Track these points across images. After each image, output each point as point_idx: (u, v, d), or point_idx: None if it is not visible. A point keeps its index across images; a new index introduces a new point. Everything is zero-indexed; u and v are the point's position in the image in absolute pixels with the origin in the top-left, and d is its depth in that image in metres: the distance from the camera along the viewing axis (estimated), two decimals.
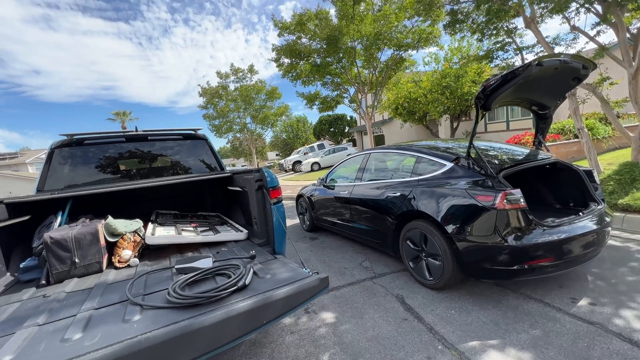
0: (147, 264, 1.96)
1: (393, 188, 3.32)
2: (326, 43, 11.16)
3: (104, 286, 1.65)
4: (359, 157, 4.32)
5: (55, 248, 1.74)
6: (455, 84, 12.58)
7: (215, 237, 2.18)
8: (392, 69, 13.32)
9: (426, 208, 2.79)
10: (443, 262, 2.68)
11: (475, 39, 7.16)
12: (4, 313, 1.45)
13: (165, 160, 3.38)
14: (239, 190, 2.66)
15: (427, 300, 2.71)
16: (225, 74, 22.19)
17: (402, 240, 3.17)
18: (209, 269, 1.61)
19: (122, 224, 2.01)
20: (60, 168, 2.84)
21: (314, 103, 14.87)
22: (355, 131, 29.92)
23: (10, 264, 2.04)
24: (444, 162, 2.94)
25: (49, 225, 2.07)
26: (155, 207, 3.18)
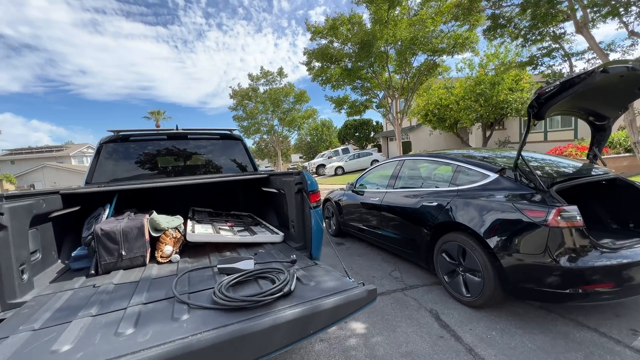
0: (188, 261, 2.00)
1: (429, 197, 3.19)
2: (359, 47, 11.12)
3: (149, 281, 1.69)
4: (391, 163, 4.21)
5: (104, 240, 1.82)
6: (491, 91, 12.08)
7: (252, 238, 2.18)
8: (424, 75, 13.02)
9: (466, 220, 2.65)
10: (483, 279, 2.52)
11: (516, 44, 6.83)
12: (59, 300, 1.52)
13: (201, 159, 3.48)
14: (274, 192, 2.67)
15: (464, 318, 2.56)
16: (256, 77, 22.81)
17: (436, 253, 3.03)
18: (251, 271, 1.60)
19: (164, 219, 2.07)
20: (106, 162, 2.99)
21: (343, 107, 14.85)
22: (380, 137, 29.56)
23: (61, 252, 2.16)
24: (487, 173, 2.79)
25: (97, 216, 2.17)
26: (191, 204, 3.27)
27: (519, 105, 12.53)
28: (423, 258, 3.28)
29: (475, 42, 11.56)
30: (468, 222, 2.62)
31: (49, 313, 1.35)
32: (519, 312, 2.59)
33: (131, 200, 2.93)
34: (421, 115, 14.72)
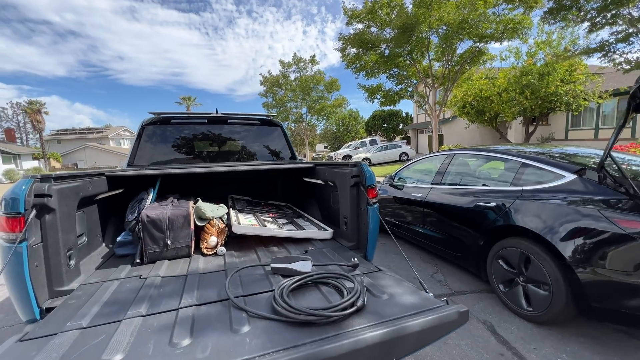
0: (234, 255, 1.88)
1: (485, 197, 2.88)
2: (400, 32, 10.49)
3: (197, 276, 1.58)
4: (438, 157, 3.90)
5: (150, 227, 1.74)
6: (539, 82, 11.06)
7: (300, 234, 2.03)
8: (467, 63, 12.13)
9: (534, 225, 2.34)
10: (552, 293, 2.22)
11: (577, 30, 6.09)
12: (106, 292, 1.43)
13: (240, 145, 3.37)
14: (318, 183, 2.49)
15: (526, 334, 2.29)
16: (287, 63, 22.55)
17: (491, 258, 2.74)
18: (310, 274, 1.41)
19: (209, 208, 1.96)
20: (146, 145, 2.95)
21: (376, 96, 14.28)
22: (410, 129, 28.55)
23: (105, 236, 2.13)
24: (561, 173, 2.44)
25: (141, 201, 2.11)
26: (229, 191, 3.18)
27: (570, 99, 11.42)
28: (473, 263, 3.01)
29: (528, 28, 10.52)
30: (536, 228, 2.31)
31: (97, 307, 1.27)
32: (592, 333, 2.27)
33: (172, 185, 2.88)
34: (458, 108, 13.86)
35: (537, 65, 11.99)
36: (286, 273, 1.43)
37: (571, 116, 16.85)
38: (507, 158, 2.94)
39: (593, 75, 11.64)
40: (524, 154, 2.81)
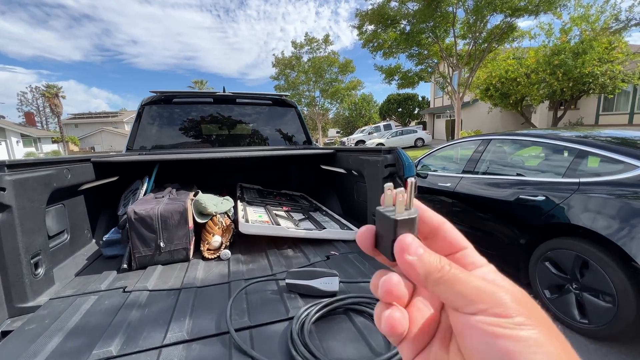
0: (241, 260, 1.56)
1: (529, 189, 2.49)
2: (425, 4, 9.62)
3: (194, 291, 1.27)
4: (470, 143, 3.48)
5: (139, 226, 1.44)
6: (574, 61, 10.14)
7: (320, 234, 1.71)
8: (496, 40, 11.15)
9: (597, 225, 1.96)
10: (617, 305, 1.86)
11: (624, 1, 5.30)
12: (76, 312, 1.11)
13: (250, 127, 3.04)
14: (339, 172, 2.16)
15: (581, 351, 1.95)
16: (300, 44, 21.67)
17: (536, 260, 2.38)
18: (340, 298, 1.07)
19: (211, 201, 1.65)
20: (147, 127, 2.67)
21: (394, 78, 13.50)
22: (426, 113, 27.50)
23: (97, 231, 1.87)
24: (634, 163, 2.01)
25: (135, 191, 1.83)
26: (237, 179, 2.89)
27: (607, 80, 10.48)
28: (511, 262, 2.65)
29: None
30: (601, 228, 1.93)
31: (56, 340, 0.97)
32: None
33: (173, 172, 2.60)
34: (481, 90, 13.02)
35: (570, 43, 11.00)
36: (305, 292, 1.13)
37: (603, 99, 15.68)
38: (560, 144, 2.52)
39: (634, 55, 10.60)
40: (581, 140, 2.37)
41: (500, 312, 0.19)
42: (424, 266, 0.21)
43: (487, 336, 0.18)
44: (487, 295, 0.19)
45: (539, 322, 0.19)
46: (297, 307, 1.06)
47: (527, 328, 0.18)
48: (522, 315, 0.18)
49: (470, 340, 0.19)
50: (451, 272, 0.20)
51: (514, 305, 0.19)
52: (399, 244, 0.22)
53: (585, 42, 10.32)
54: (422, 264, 0.21)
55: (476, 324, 0.19)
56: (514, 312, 0.19)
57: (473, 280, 0.20)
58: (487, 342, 0.18)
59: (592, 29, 10.52)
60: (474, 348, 0.19)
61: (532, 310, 0.19)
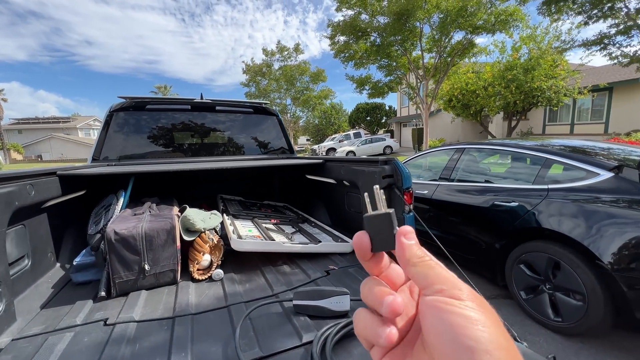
0: (235, 280, 1.42)
1: (504, 195, 2.63)
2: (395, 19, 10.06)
3: (190, 320, 1.13)
4: (445, 152, 3.63)
5: (119, 247, 1.27)
6: (524, 77, 11.15)
7: (317, 248, 1.64)
8: (458, 55, 11.96)
9: (567, 229, 2.11)
10: (588, 303, 2.01)
11: (575, 23, 6.01)
12: (50, 354, 0.92)
13: (229, 136, 2.92)
14: (328, 182, 2.12)
15: (556, 348, 2.07)
16: (271, 52, 21.55)
17: (511, 263, 2.51)
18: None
19: (199, 216, 1.53)
20: (116, 135, 2.46)
21: (364, 87, 13.88)
22: (394, 122, 28.56)
23: (61, 253, 1.64)
24: (595, 170, 2.21)
25: (108, 207, 1.65)
26: (216, 190, 2.75)
27: (552, 94, 11.62)
28: (488, 266, 2.77)
29: (519, 20, 10.45)
30: (571, 232, 2.08)
31: None
32: (625, 345, 2.09)
33: (148, 185, 2.40)
34: (444, 101, 13.82)
35: (521, 60, 12.08)
36: (315, 313, 1.06)
37: (549, 111, 17.37)
38: (528, 153, 2.70)
39: (573, 72, 11.89)
40: (549, 149, 2.57)
41: (455, 294, 0.23)
42: (412, 252, 0.26)
43: (442, 312, 0.22)
44: (448, 281, 0.24)
45: (487, 311, 0.22)
46: (310, 330, 1.00)
47: (476, 311, 0.22)
48: (472, 301, 0.22)
49: (430, 317, 0.23)
50: (428, 261, 0.25)
51: (467, 292, 0.23)
52: (404, 229, 0.27)
53: (533, 59, 11.40)
54: (411, 250, 0.26)
55: (435, 303, 0.23)
56: (466, 297, 0.23)
57: (441, 270, 0.25)
58: (441, 317, 0.22)
59: (539, 48, 11.66)
60: (431, 324, 0.22)
61: (482, 302, 0.23)
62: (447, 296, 0.23)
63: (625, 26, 4.99)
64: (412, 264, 0.25)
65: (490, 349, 0.20)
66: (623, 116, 13.76)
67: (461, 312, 0.21)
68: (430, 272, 0.24)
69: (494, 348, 0.20)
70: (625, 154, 2.54)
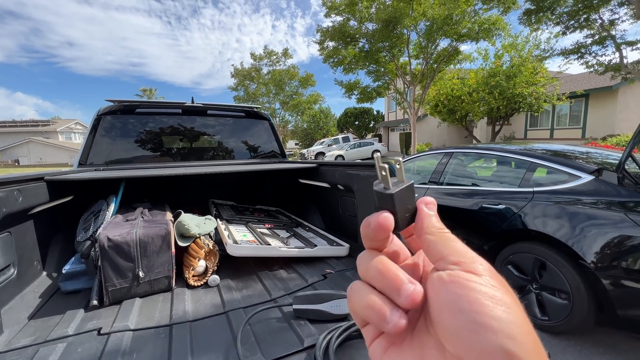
0: (232, 286, 1.40)
1: (491, 198, 2.71)
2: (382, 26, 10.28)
3: (188, 327, 1.10)
4: (434, 156, 3.71)
5: (113, 254, 1.23)
6: (507, 83, 11.54)
7: (313, 252, 1.64)
8: (444, 62, 12.30)
9: (552, 230, 2.18)
10: (572, 302, 2.08)
11: (553, 33, 6.28)
12: None
13: (221, 140, 2.90)
14: (322, 186, 2.13)
15: (544, 346, 2.12)
16: (259, 56, 21.55)
17: (499, 264, 2.58)
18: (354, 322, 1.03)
19: (193, 221, 1.50)
20: (103, 140, 2.40)
21: (353, 92, 14.05)
22: (381, 126, 28.95)
23: (47, 261, 1.57)
24: (576, 173, 2.31)
25: (98, 213, 1.60)
26: (208, 194, 2.72)
27: (533, 100, 12.07)
28: None
29: (502, 29, 10.84)
30: (555, 233, 2.16)
31: None
32: (608, 341, 2.17)
33: (139, 190, 2.35)
34: (431, 106, 14.13)
35: (503, 67, 12.51)
36: (315, 317, 1.07)
37: (530, 117, 18.01)
38: (516, 158, 2.79)
39: (552, 79, 12.40)
40: (533, 153, 2.67)
41: (475, 269, 0.21)
42: (431, 221, 0.24)
43: (460, 287, 0.20)
44: (467, 255, 0.22)
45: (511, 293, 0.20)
46: (311, 334, 1.00)
47: (499, 290, 0.20)
48: (494, 279, 0.20)
49: (444, 293, 0.20)
50: (446, 233, 0.24)
51: (489, 269, 0.21)
52: (425, 199, 0.26)
53: (515, 66, 11.82)
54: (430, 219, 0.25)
55: (453, 277, 0.20)
56: (487, 274, 0.20)
57: (459, 244, 0.23)
58: (458, 292, 0.19)
59: (520, 56, 12.10)
60: (446, 300, 0.20)
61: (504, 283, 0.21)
62: (466, 270, 0.20)
63: (600, 36, 5.27)
64: (430, 233, 0.24)
65: (516, 333, 0.17)
66: (599, 122, 14.42)
67: (483, 289, 0.19)
68: (449, 244, 0.23)
69: (520, 333, 0.18)
70: (603, 157, 2.66)
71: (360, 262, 0.26)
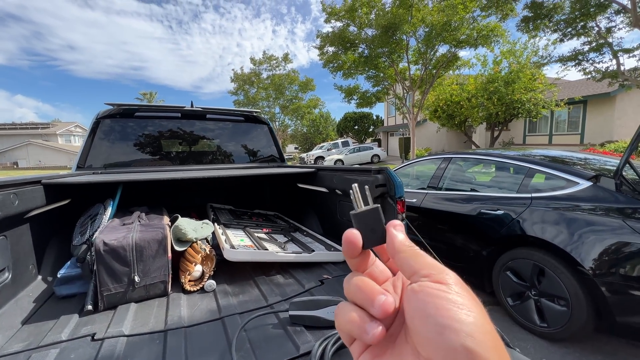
0: (228, 291, 1.39)
1: (490, 204, 2.71)
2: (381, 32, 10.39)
3: (183, 333, 1.09)
4: (432, 161, 3.71)
5: (108, 259, 1.22)
6: (505, 89, 11.62)
7: (310, 257, 1.63)
8: (443, 67, 12.41)
9: (550, 236, 2.18)
10: (571, 308, 2.07)
11: (551, 40, 6.34)
12: None
13: (221, 144, 2.90)
14: (320, 190, 2.13)
15: (544, 354, 2.12)
16: (259, 61, 21.71)
17: (498, 270, 2.57)
18: None
19: (190, 226, 1.50)
20: (102, 143, 2.41)
21: (352, 97, 14.13)
22: (381, 131, 29.04)
23: (43, 265, 1.56)
24: (574, 179, 2.31)
25: (95, 216, 1.60)
26: (205, 198, 2.71)
27: (531, 106, 12.14)
28: (476, 273, 2.82)
29: (500, 36, 10.94)
30: (553, 239, 2.15)
31: None
32: (606, 349, 2.15)
33: (136, 193, 2.35)
34: (430, 112, 14.20)
35: (502, 73, 12.61)
36: (311, 323, 1.06)
37: (528, 123, 18.10)
38: (514, 163, 2.80)
39: (550, 85, 12.48)
40: (531, 159, 2.67)
41: (442, 279, 0.23)
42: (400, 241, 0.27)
43: (428, 296, 0.22)
44: (435, 267, 0.24)
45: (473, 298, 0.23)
46: (307, 341, 0.99)
47: (462, 296, 0.22)
48: (458, 286, 0.23)
49: (415, 302, 0.23)
50: (415, 250, 0.27)
51: (454, 278, 0.24)
52: (393, 222, 0.29)
53: (513, 72, 11.91)
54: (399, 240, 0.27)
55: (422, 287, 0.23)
56: (452, 283, 0.23)
57: (428, 258, 0.26)
58: (426, 300, 0.22)
59: (518, 62, 12.20)
60: (416, 308, 0.22)
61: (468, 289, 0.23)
62: (434, 281, 0.23)
63: (597, 44, 5.32)
64: (401, 251, 0.26)
65: (474, 332, 0.20)
66: (597, 128, 14.48)
67: (447, 296, 0.22)
68: (418, 259, 0.25)
69: (479, 332, 0.20)
70: (601, 163, 2.67)
71: (345, 281, 0.29)
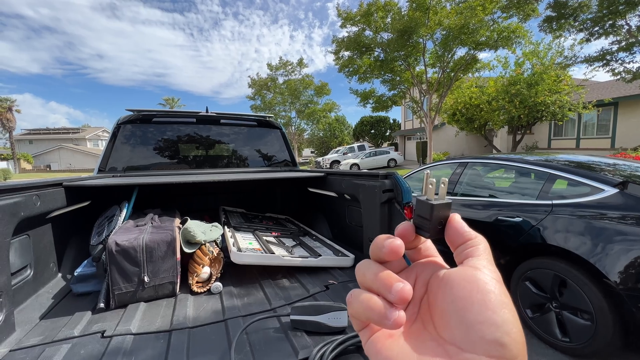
0: (234, 294, 1.43)
1: (507, 210, 2.61)
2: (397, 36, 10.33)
3: (187, 333, 1.11)
4: (448, 166, 3.62)
5: (120, 259, 1.28)
6: (528, 91, 11.19)
7: (317, 262, 1.64)
8: (461, 70, 12.15)
9: (573, 246, 2.07)
10: (596, 323, 1.95)
11: (567, 42, 6.03)
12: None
13: (234, 149, 2.97)
14: (330, 195, 2.13)
15: None
16: (275, 66, 22.11)
17: (517, 279, 2.46)
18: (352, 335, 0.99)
19: (199, 228, 1.54)
20: (123, 147, 2.52)
21: (368, 101, 14.08)
22: (398, 135, 28.68)
23: (63, 263, 1.65)
24: (599, 186, 2.19)
25: (111, 218, 1.67)
26: (219, 202, 2.77)
27: (557, 109, 11.62)
28: None
29: (521, 37, 10.58)
30: (577, 249, 2.04)
31: None
32: None
33: (151, 196, 2.44)
34: (448, 115, 13.89)
35: (524, 75, 12.17)
36: (312, 329, 1.05)
37: (554, 126, 17.33)
38: (531, 168, 2.69)
39: (577, 87, 11.92)
40: (554, 165, 2.55)
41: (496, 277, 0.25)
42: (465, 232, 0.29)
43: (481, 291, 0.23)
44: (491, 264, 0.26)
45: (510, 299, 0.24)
46: (306, 346, 0.99)
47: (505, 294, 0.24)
48: (502, 284, 0.24)
49: (463, 290, 0.24)
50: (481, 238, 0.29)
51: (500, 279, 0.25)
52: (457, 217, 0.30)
53: (536, 74, 11.47)
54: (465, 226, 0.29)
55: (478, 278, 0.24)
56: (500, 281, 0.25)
57: (488, 250, 0.28)
58: (478, 292, 0.23)
59: (542, 64, 11.74)
60: (462, 296, 0.24)
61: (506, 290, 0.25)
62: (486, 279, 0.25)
63: (627, 43, 5.03)
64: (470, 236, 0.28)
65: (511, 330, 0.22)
66: (630, 131, 13.66)
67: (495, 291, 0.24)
68: (479, 248, 0.27)
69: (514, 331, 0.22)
70: (632, 170, 2.51)
71: (359, 268, 0.29)
